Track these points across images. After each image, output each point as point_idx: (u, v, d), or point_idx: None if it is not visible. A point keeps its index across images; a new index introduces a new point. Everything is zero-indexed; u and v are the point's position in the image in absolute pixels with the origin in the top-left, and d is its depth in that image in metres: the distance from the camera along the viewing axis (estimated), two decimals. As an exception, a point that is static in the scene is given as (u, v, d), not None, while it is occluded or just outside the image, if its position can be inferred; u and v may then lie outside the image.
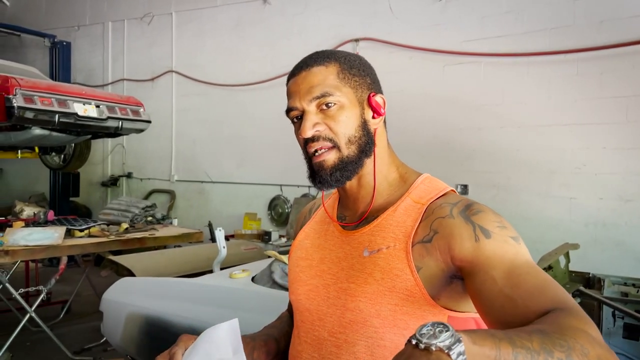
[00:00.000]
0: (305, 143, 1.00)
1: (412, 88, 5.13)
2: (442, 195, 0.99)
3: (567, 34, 4.45)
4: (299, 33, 6.16)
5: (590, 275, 3.03)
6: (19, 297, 3.87)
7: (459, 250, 0.89)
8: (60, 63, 7.83)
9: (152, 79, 7.44)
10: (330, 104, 0.98)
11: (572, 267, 3.00)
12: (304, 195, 5.92)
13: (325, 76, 0.99)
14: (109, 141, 7.75)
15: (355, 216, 1.07)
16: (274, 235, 5.72)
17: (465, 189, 4.97)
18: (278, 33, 6.34)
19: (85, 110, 4.59)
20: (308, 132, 0.98)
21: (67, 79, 7.71)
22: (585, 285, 2.92)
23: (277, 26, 6.35)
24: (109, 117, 4.80)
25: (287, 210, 6.14)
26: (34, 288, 4.39)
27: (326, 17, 5.93)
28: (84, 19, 8.25)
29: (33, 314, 3.87)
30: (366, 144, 1.00)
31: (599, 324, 2.80)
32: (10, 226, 4.03)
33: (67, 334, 4.37)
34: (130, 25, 7.74)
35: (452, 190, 1.02)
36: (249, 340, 1.11)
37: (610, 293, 2.94)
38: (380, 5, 5.51)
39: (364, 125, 1.01)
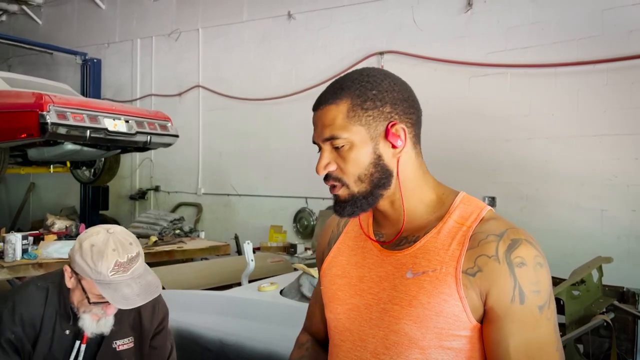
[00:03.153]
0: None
1: (437, 100, 5.07)
2: (484, 219, 0.99)
3: (596, 44, 4.39)
4: (323, 47, 6.21)
5: (625, 289, 2.96)
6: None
7: (495, 299, 0.94)
8: (90, 79, 8.02)
9: (180, 94, 7.57)
10: (339, 146, 0.99)
11: (605, 281, 2.94)
12: (329, 208, 5.90)
13: (334, 116, 0.99)
14: (137, 155, 7.87)
15: (392, 236, 1.06)
16: (300, 248, 5.73)
17: (493, 201, 4.91)
18: (303, 47, 6.40)
19: (115, 125, 4.70)
20: (320, 172, 1.02)
21: (97, 95, 7.89)
22: (619, 300, 2.86)
23: (302, 40, 6.42)
24: (138, 132, 4.90)
25: (312, 223, 6.15)
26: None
27: (351, 30, 5.97)
28: (113, 37, 8.46)
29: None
30: (380, 179, 1.00)
31: (633, 339, 2.73)
32: (43, 239, 4.13)
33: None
34: (158, 42, 7.90)
35: (489, 209, 1.03)
36: None
37: (646, 308, 2.87)
38: (405, 18, 5.53)
39: (378, 160, 1.00)
